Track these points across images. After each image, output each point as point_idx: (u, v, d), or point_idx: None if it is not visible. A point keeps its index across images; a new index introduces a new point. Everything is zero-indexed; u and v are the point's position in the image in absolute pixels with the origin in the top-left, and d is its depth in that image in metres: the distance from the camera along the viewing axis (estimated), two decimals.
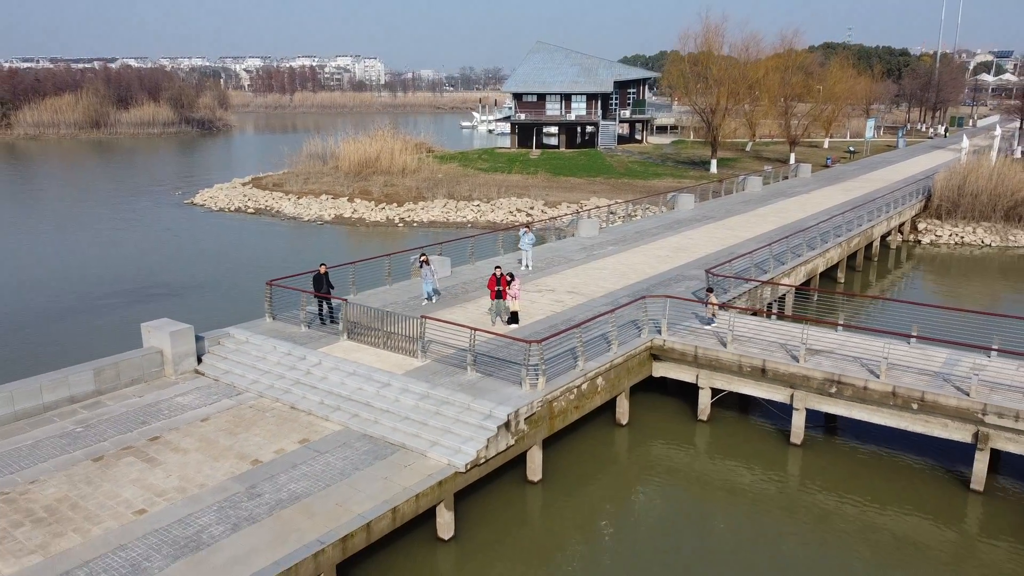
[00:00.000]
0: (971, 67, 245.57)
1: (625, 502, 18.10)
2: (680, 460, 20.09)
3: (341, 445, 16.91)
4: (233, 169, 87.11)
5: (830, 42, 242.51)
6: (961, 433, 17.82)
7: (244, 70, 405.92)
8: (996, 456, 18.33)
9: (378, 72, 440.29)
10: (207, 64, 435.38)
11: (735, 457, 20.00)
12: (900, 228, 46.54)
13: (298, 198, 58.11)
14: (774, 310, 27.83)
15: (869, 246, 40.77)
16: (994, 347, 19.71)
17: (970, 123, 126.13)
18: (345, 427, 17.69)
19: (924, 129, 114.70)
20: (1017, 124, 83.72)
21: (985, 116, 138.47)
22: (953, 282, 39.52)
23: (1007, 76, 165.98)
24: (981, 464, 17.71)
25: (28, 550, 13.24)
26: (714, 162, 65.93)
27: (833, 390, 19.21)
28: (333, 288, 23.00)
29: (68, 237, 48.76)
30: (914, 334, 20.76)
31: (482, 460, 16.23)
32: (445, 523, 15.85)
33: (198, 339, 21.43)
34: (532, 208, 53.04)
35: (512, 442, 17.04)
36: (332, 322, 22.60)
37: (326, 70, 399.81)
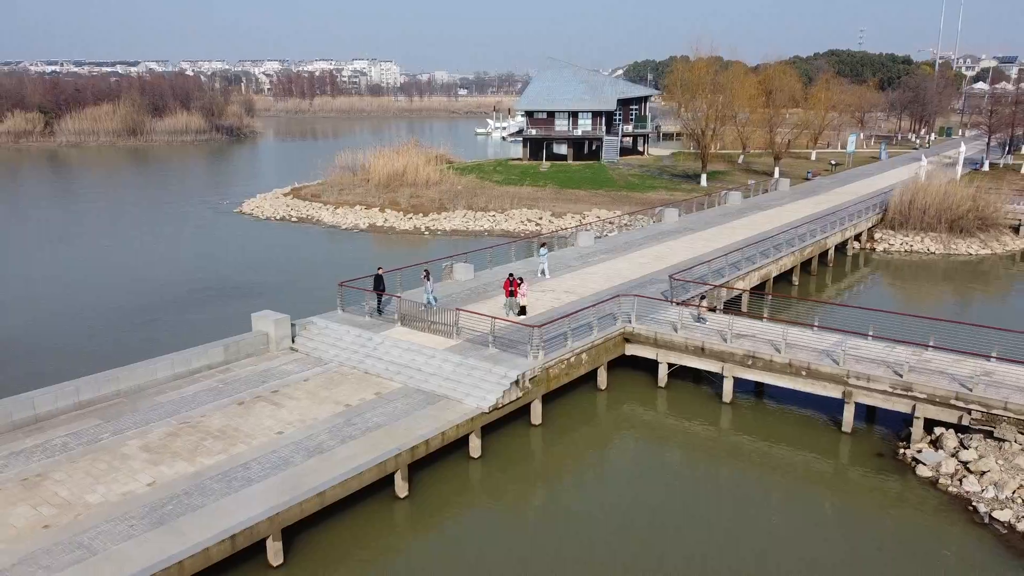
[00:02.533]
0: (974, 73, 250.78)
1: (603, 442, 25.76)
2: (644, 414, 27.73)
3: (403, 396, 24.69)
4: (268, 178, 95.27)
5: (835, 49, 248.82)
6: (834, 391, 25.38)
7: (264, 74, 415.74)
8: (860, 408, 25.87)
9: (394, 75, 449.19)
10: (227, 67, 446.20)
11: (683, 412, 27.60)
12: (858, 237, 53.88)
13: (335, 208, 66.05)
14: (719, 307, 35.26)
15: (824, 253, 48.16)
16: (870, 333, 27.23)
17: (960, 132, 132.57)
18: (404, 385, 25.47)
19: (913, 139, 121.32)
20: (986, 139, 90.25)
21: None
22: (895, 284, 46.87)
23: (1003, 85, 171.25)
24: (848, 413, 25.27)
25: (215, 452, 21.08)
26: (704, 176, 73.37)
27: (750, 363, 26.84)
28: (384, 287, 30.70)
29: (151, 243, 56.82)
30: (815, 324, 28.33)
31: (500, 405, 23.95)
32: (475, 446, 23.59)
33: (291, 325, 29.28)
34: (541, 218, 60.74)
35: (520, 395, 24.73)
36: (379, 314, 30.38)
37: (343, 73, 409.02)
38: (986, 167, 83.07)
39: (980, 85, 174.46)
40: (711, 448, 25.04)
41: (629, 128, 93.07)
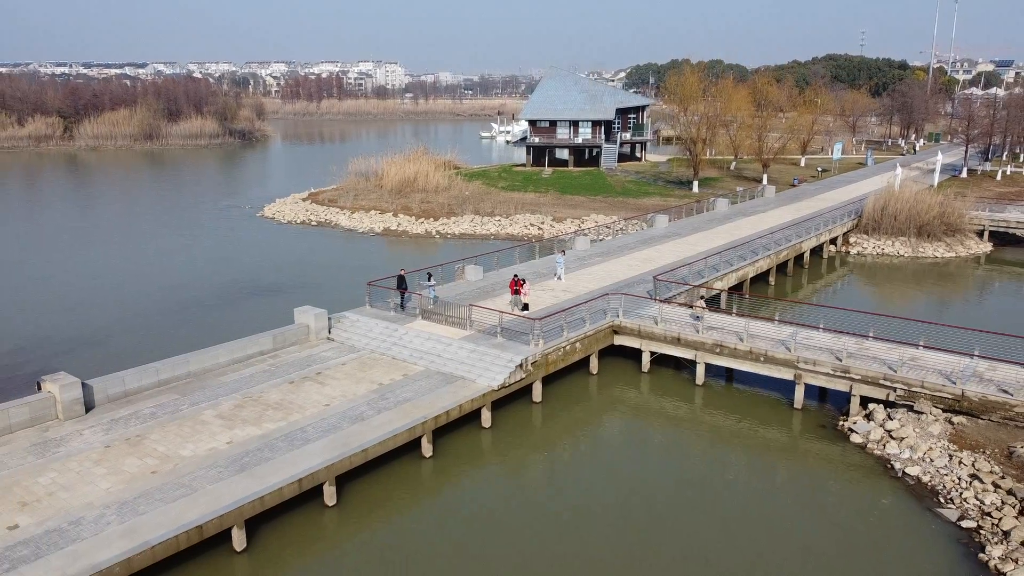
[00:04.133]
0: (971, 76, 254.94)
1: (593, 417, 30.58)
2: (629, 395, 32.59)
3: (426, 377, 29.57)
4: (284, 182, 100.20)
5: (833, 53, 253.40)
6: (788, 374, 30.21)
7: (270, 76, 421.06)
8: (813, 389, 30.68)
9: (399, 76, 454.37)
10: (234, 69, 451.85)
11: (663, 393, 32.45)
12: (834, 241, 58.62)
13: (351, 213, 70.99)
14: (698, 303, 39.98)
15: (800, 256, 52.93)
16: (820, 325, 32.07)
17: (949, 138, 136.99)
18: (427, 368, 30.35)
19: (902, 144, 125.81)
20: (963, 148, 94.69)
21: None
22: (863, 284, 51.64)
23: (994, 90, 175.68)
24: (799, 393, 30.11)
25: (276, 420, 25.98)
26: (695, 183, 78.18)
27: (718, 350, 31.69)
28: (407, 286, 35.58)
29: (183, 246, 61.79)
30: (776, 318, 33.17)
31: (507, 384, 28.81)
32: (486, 418, 28.47)
33: (327, 318, 34.18)
34: (543, 223, 65.60)
35: (524, 376, 29.60)
36: (402, 309, 35.25)
37: (349, 75, 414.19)
38: (964, 174, 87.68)
39: (973, 90, 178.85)
40: (686, 422, 29.89)
41: (627, 136, 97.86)
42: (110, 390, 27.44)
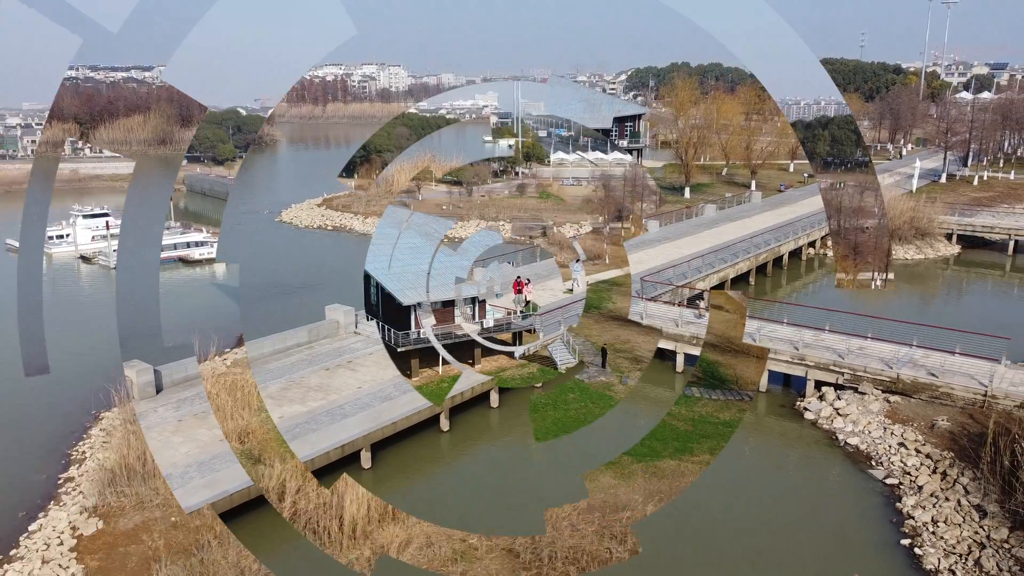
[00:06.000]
0: (966, 79, 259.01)
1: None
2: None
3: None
4: (296, 187, 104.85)
5: (829, 57, 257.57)
6: None
7: None
8: (778, 375, 35.47)
9: (402, 78, 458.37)
10: None
11: (648, 380, 37.20)
12: (812, 244, 63.32)
13: (364, 218, 75.81)
14: (681, 302, 44.71)
15: (779, 258, 57.66)
16: (784, 320, 36.87)
17: (937, 143, 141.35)
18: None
19: (890, 149, 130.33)
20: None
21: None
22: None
23: (985, 94, 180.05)
24: (763, 378, 34.89)
25: (316, 399, 30.82)
26: (687, 189, 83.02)
27: (695, 342, 36.50)
28: None
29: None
30: (751, 314, 37.98)
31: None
32: (494, 399, 33.30)
33: (355, 315, 39.02)
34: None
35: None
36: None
37: (353, 78, 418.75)
38: (943, 179, 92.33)
39: (964, 95, 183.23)
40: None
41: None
42: (175, 375, 32.30)
